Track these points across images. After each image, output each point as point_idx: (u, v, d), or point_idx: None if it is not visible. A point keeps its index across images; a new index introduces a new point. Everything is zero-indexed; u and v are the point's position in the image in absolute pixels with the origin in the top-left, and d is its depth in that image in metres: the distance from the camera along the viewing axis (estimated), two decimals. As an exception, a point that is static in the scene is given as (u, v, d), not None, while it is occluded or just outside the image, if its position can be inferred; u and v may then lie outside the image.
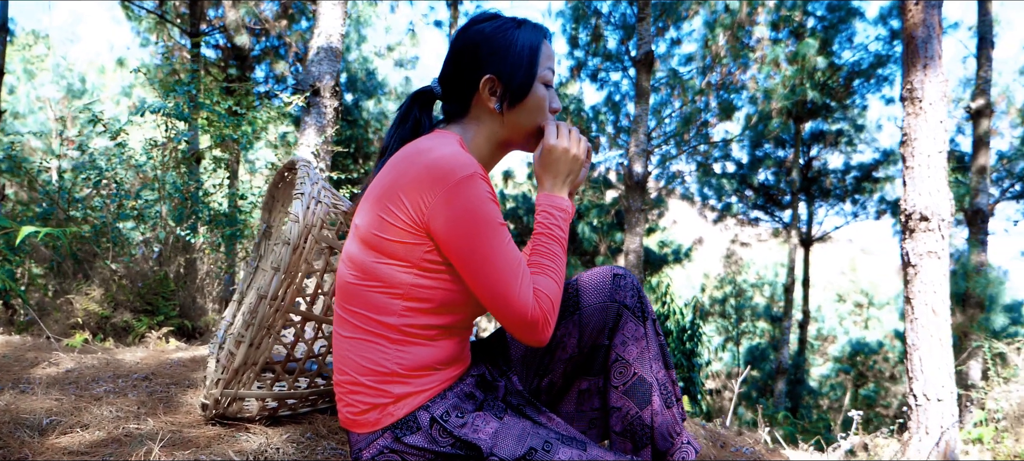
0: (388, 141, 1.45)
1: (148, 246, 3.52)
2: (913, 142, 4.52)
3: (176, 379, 2.04)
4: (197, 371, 2.18)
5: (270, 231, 2.32)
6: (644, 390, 1.45)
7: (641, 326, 1.48)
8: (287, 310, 1.58)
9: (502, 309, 1.25)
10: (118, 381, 1.97)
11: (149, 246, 3.52)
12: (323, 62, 4.89)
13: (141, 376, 2.02)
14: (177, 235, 3.50)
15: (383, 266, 1.27)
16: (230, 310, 2.29)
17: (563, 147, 1.41)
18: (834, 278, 23.61)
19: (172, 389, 1.93)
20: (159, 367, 2.18)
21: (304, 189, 1.62)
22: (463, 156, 1.25)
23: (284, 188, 2.27)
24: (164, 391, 1.90)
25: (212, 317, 3.75)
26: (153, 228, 3.48)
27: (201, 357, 2.46)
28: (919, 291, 4.58)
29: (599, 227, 12.97)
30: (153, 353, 2.55)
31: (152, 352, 2.57)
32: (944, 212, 4.44)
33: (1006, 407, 6.38)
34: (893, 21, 11.06)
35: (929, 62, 4.45)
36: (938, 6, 4.49)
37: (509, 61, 1.37)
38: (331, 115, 4.90)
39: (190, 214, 3.62)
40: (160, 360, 2.34)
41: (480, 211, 1.22)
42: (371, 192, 1.33)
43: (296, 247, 1.56)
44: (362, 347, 1.30)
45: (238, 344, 1.54)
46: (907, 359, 4.72)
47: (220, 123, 3.68)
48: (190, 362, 2.34)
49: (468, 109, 1.42)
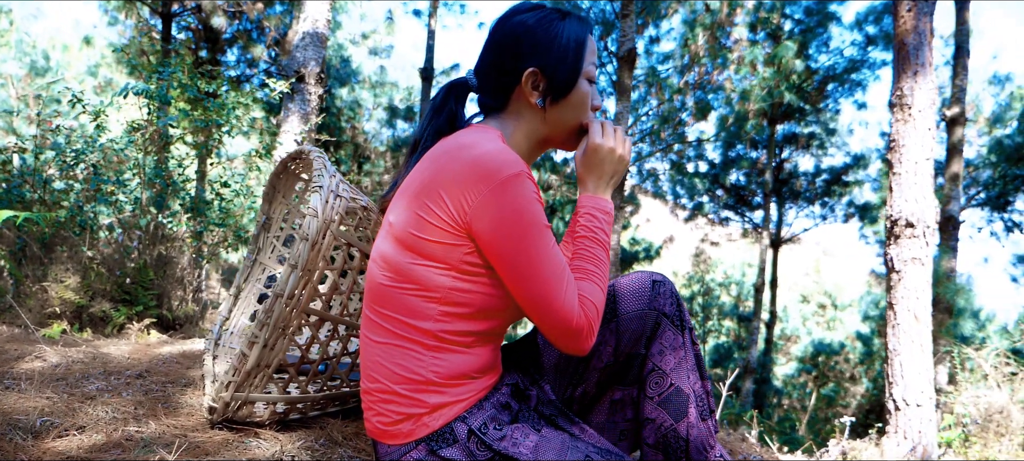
0: (421, 133, 1.37)
1: (127, 233, 3.37)
2: (901, 148, 4.56)
3: (171, 377, 1.93)
4: (192, 368, 2.07)
5: (270, 223, 2.22)
6: (681, 402, 1.39)
7: (680, 335, 1.42)
8: (303, 310, 1.49)
9: (545, 316, 1.18)
10: (110, 378, 1.85)
11: (128, 233, 3.37)
12: (308, 48, 4.76)
13: (134, 373, 1.91)
14: (158, 222, 3.36)
15: (419, 267, 1.20)
16: (226, 305, 2.19)
17: (609, 147, 1.35)
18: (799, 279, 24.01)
19: (168, 388, 1.82)
20: (150, 363, 2.07)
21: (322, 182, 1.53)
22: (509, 153, 1.18)
23: (287, 178, 2.17)
24: (160, 390, 1.80)
25: (191, 308, 3.62)
26: (133, 214, 3.34)
27: (192, 353, 2.35)
28: (902, 297, 4.62)
29: (574, 223, 12.93)
30: (139, 347, 2.43)
31: (137, 346, 2.45)
32: (929, 219, 4.49)
33: (974, 412, 6.50)
34: (869, 27, 11.22)
35: (920, 69, 4.48)
36: (930, 13, 4.53)
37: (553, 55, 1.30)
38: (315, 102, 4.77)
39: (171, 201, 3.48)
40: (149, 355, 2.23)
41: (527, 212, 1.15)
42: (407, 188, 1.25)
43: (314, 243, 1.47)
44: (395, 354, 1.23)
45: (251, 345, 1.45)
46: (887, 364, 4.77)
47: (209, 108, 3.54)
48: (182, 358, 2.23)
49: (507, 103, 1.35)
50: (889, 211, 4.64)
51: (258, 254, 2.22)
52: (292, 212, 2.21)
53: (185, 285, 3.55)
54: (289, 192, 2.20)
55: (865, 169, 13.93)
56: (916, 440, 4.62)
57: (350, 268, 1.64)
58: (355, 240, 1.60)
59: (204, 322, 3.61)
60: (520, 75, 1.30)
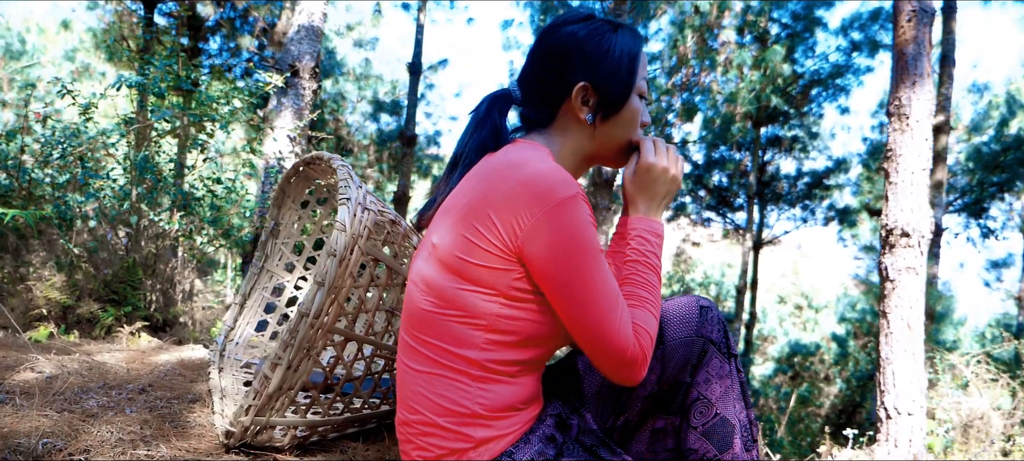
0: (462, 148, 1.29)
1: (115, 230, 3.24)
2: (898, 158, 4.55)
3: (176, 392, 1.83)
4: (196, 381, 1.98)
5: (278, 229, 2.13)
6: (726, 432, 1.33)
7: (726, 363, 1.36)
8: (329, 330, 1.41)
9: (599, 345, 1.12)
10: (111, 393, 1.75)
11: (116, 230, 3.25)
12: (304, 41, 4.64)
13: (137, 387, 1.81)
14: (149, 219, 3.24)
15: (466, 293, 1.12)
16: (231, 314, 2.10)
17: (663, 166, 1.28)
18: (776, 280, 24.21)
19: (174, 404, 1.73)
20: (152, 376, 1.97)
21: (350, 194, 1.44)
22: (562, 173, 1.11)
23: (297, 183, 2.07)
24: (166, 407, 1.70)
25: (181, 309, 3.50)
26: (123, 211, 3.21)
27: (192, 362, 2.25)
28: (896, 306, 4.63)
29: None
30: (134, 354, 2.32)
31: (131, 352, 2.34)
32: (924, 229, 4.49)
33: (955, 418, 6.56)
34: (854, 32, 11.29)
35: (918, 79, 4.48)
36: (929, 24, 4.53)
37: (606, 69, 1.23)
38: (309, 98, 4.65)
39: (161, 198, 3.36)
40: (148, 365, 2.12)
41: (583, 236, 1.09)
42: (452, 207, 1.17)
43: (342, 259, 1.39)
44: (438, 384, 1.15)
45: (274, 367, 1.37)
46: (880, 372, 4.77)
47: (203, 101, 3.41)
48: (182, 368, 2.13)
49: (554, 118, 1.27)
50: (884, 220, 4.64)
51: (265, 261, 2.12)
52: (302, 218, 2.12)
53: (175, 285, 3.43)
54: (299, 196, 2.10)
55: (846, 173, 14.05)
56: (907, 448, 4.63)
57: (376, 284, 1.56)
58: (384, 256, 1.52)
59: (194, 325, 3.50)
60: (570, 89, 1.23)
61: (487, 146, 1.26)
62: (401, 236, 1.59)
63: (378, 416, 1.65)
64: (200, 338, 3.02)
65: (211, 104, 3.53)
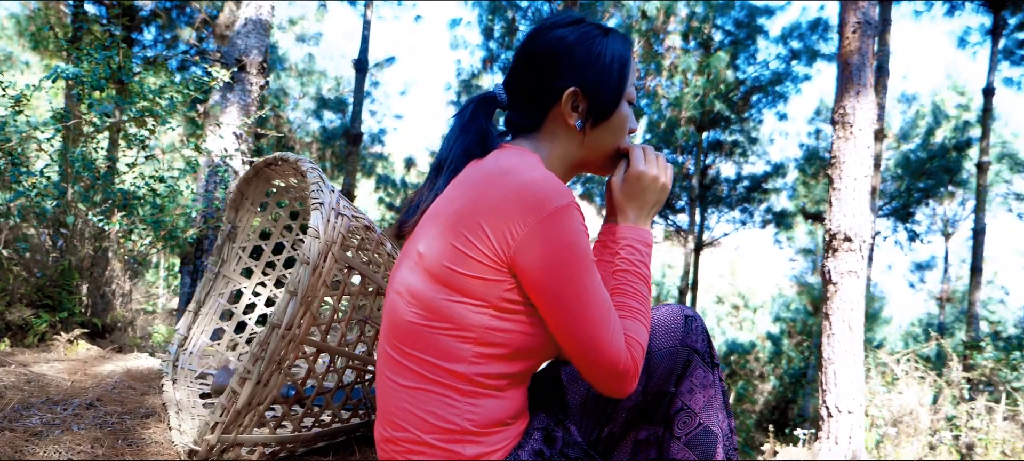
0: (447, 153, 1.24)
1: (49, 231, 3.05)
2: (842, 164, 4.69)
3: (127, 406, 1.72)
4: (147, 394, 1.86)
5: (235, 233, 2.03)
6: (709, 442, 1.32)
7: (710, 373, 1.35)
8: (301, 341, 1.34)
9: (591, 357, 1.08)
10: (55, 408, 1.63)
11: (50, 231, 3.06)
12: (251, 35, 4.48)
13: (83, 402, 1.69)
14: (87, 220, 3.06)
15: (455, 305, 1.07)
16: (184, 322, 1.99)
17: (653, 175, 1.26)
18: (714, 281, 24.80)
19: (127, 420, 1.62)
20: (98, 388, 1.85)
21: (322, 198, 1.38)
22: (556, 181, 1.07)
23: (257, 184, 1.98)
24: (118, 423, 1.59)
25: (121, 314, 3.32)
26: (58, 210, 3.02)
27: (139, 372, 2.12)
28: (838, 308, 4.77)
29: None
30: (75, 364, 2.18)
31: (73, 363, 2.20)
32: (866, 234, 4.64)
33: (886, 415, 6.82)
34: (793, 41, 11.62)
35: (862, 89, 4.63)
36: (873, 36, 4.69)
37: (596, 74, 1.20)
38: (257, 94, 4.50)
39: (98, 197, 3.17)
40: (92, 377, 1.99)
41: (577, 246, 1.05)
42: (439, 215, 1.12)
43: (315, 267, 1.32)
44: (426, 399, 1.10)
45: (243, 381, 1.29)
46: (821, 372, 4.91)
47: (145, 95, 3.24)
48: (131, 380, 2.00)
49: (542, 123, 1.23)
50: (828, 225, 4.78)
51: (221, 266, 2.02)
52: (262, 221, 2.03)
53: (114, 289, 3.26)
54: (258, 198, 2.01)
55: (783, 178, 14.46)
56: (847, 445, 4.77)
57: (350, 293, 1.49)
58: (358, 264, 1.45)
59: (134, 330, 3.33)
60: (560, 95, 1.19)
61: (473, 151, 1.21)
62: (375, 243, 1.53)
63: (347, 430, 1.59)
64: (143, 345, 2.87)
65: (153, 98, 3.37)
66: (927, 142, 12.99)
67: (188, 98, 3.58)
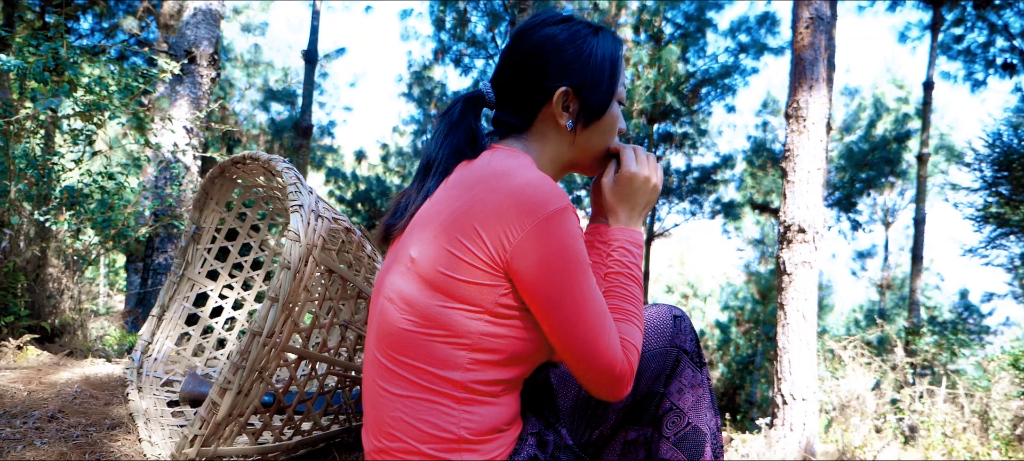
0: (436, 153, 1.20)
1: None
2: (796, 158, 4.80)
3: (91, 417, 1.64)
4: (111, 403, 1.78)
5: (200, 234, 1.96)
6: (698, 441, 1.33)
7: (698, 372, 1.35)
8: (283, 349, 1.29)
9: (587, 362, 1.07)
10: (14, 422, 1.54)
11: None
12: (201, 25, 4.33)
13: (45, 414, 1.60)
14: (33, 219, 2.91)
15: (450, 311, 1.05)
16: (148, 327, 1.91)
17: (644, 176, 1.25)
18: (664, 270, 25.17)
19: (92, 433, 1.54)
20: (58, 399, 1.75)
21: (301, 200, 1.33)
22: (552, 183, 1.06)
23: (223, 184, 1.91)
24: (83, 436, 1.52)
25: (70, 316, 3.18)
26: (2, 209, 2.87)
27: (99, 380, 2.03)
28: (792, 298, 4.88)
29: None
30: (29, 372, 2.07)
31: (26, 371, 2.08)
32: (819, 225, 4.76)
33: (835, 400, 7.02)
34: (742, 35, 11.84)
35: (815, 83, 4.74)
36: (826, 30, 4.79)
37: (589, 74, 1.18)
38: (208, 87, 4.36)
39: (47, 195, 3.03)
40: (49, 386, 1.89)
41: (574, 250, 1.04)
42: (431, 219, 1.09)
43: (296, 272, 1.27)
44: (421, 408, 1.07)
45: (223, 392, 1.24)
46: (776, 361, 5.02)
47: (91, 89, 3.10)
48: (90, 388, 1.91)
49: (532, 123, 1.21)
50: (782, 217, 4.88)
51: (186, 268, 1.94)
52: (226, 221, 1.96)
53: (62, 291, 3.11)
54: (223, 198, 1.94)
55: (732, 169, 14.74)
56: (802, 431, 4.90)
57: (331, 298, 1.45)
58: (339, 267, 1.41)
59: (86, 333, 3.19)
60: (550, 95, 1.17)
61: (463, 151, 1.19)
62: (356, 245, 1.49)
63: (328, 437, 1.54)
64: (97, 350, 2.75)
65: (101, 91, 3.22)
66: (869, 134, 13.41)
67: (137, 91, 3.44)
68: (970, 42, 10.88)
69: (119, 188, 3.46)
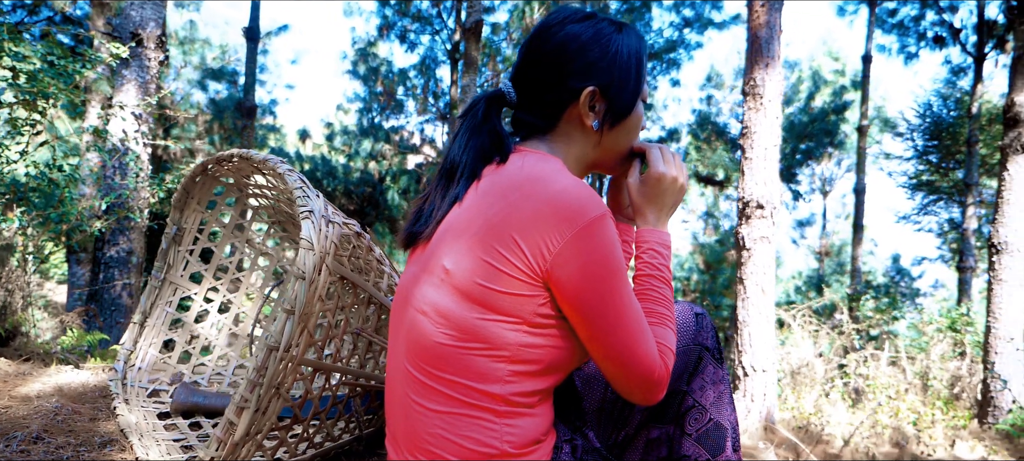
0: (460, 156, 1.16)
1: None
2: (753, 135, 4.88)
3: (79, 436, 1.54)
4: (97, 419, 1.68)
5: (181, 235, 1.86)
6: (719, 436, 1.34)
7: (719, 368, 1.36)
8: (299, 362, 1.24)
9: (627, 369, 1.06)
10: (-6, 445, 1.44)
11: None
12: (146, 6, 4.11)
13: (29, 435, 1.49)
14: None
15: (490, 323, 1.02)
16: (130, 335, 1.81)
17: (672, 176, 1.23)
18: (611, 243, 25.48)
19: (84, 453, 1.45)
20: (38, 416, 1.64)
21: (311, 204, 1.27)
22: (588, 189, 1.03)
23: (204, 183, 1.82)
24: (75, 457, 1.43)
25: (21, 317, 3.01)
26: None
27: (73, 390, 1.91)
28: (751, 272, 4.99)
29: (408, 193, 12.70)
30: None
31: (-12, 383, 1.95)
32: (776, 201, 4.86)
33: (786, 367, 7.26)
34: (686, 9, 11.96)
35: (771, 61, 4.81)
36: (779, 9, 4.86)
37: (616, 73, 1.16)
38: (156, 70, 4.16)
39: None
40: (22, 401, 1.77)
41: (614, 258, 1.02)
42: (465, 228, 1.05)
43: (312, 282, 1.22)
44: (462, 424, 1.04)
45: (240, 411, 1.18)
46: (737, 335, 5.14)
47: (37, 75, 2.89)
48: (69, 400, 1.80)
49: (556, 124, 1.18)
50: (741, 193, 4.96)
51: (167, 272, 1.84)
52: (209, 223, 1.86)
53: (13, 291, 2.94)
54: (205, 198, 1.84)
55: (677, 142, 14.96)
56: (762, 402, 5.03)
57: (342, 306, 1.39)
58: (351, 275, 1.36)
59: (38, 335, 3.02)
60: (577, 95, 1.14)
61: (489, 154, 1.15)
62: (365, 249, 1.43)
63: (338, 447, 1.49)
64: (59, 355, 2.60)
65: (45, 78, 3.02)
66: (808, 106, 13.77)
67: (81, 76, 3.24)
68: (904, 16, 11.25)
69: (69, 180, 3.27)
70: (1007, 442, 5.62)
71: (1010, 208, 5.74)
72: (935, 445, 5.41)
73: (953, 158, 11.70)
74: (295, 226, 1.96)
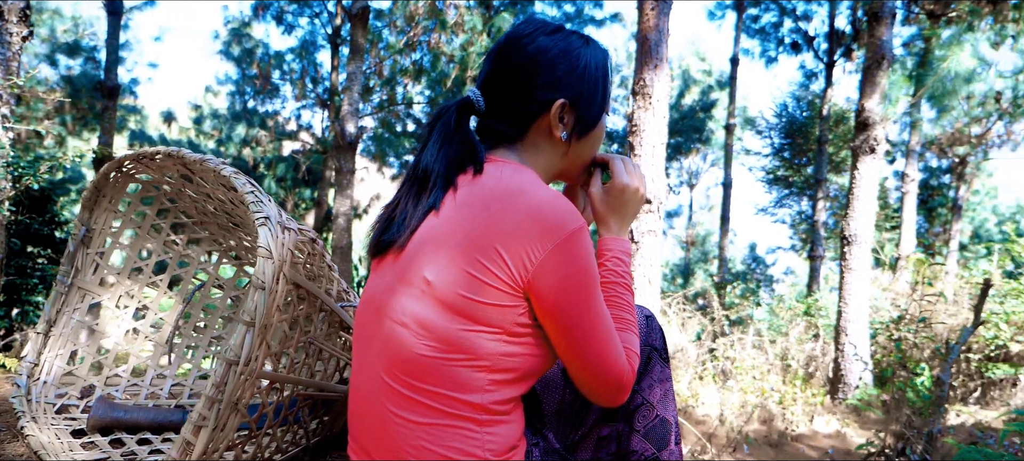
0: (433, 164, 1.15)
1: None
2: (642, 133, 5.09)
3: None
4: (2, 440, 1.51)
5: (90, 237, 1.72)
6: (664, 431, 1.42)
7: (665, 367, 1.44)
8: (257, 375, 1.19)
9: (599, 374, 1.11)
10: None
11: None
12: (7, -25, 3.72)
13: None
14: None
15: (472, 334, 1.04)
16: (32, 347, 1.66)
17: (635, 186, 1.29)
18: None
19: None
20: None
21: (266, 210, 1.22)
22: (566, 201, 1.07)
23: (118, 181, 1.69)
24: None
25: None
26: None
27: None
28: (639, 265, 5.22)
29: (285, 181, 12.23)
30: None
31: None
32: (663, 196, 5.11)
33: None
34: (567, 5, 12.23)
35: (659, 63, 5.03)
36: (668, 13, 5.09)
37: (585, 87, 1.20)
38: (19, 46, 3.78)
39: None
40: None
41: (592, 268, 1.07)
42: (443, 238, 1.06)
43: (271, 292, 1.17)
44: (445, 434, 1.05)
45: (198, 430, 1.11)
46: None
47: None
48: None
49: (525, 133, 1.20)
50: (630, 188, 5.18)
51: (75, 276, 1.70)
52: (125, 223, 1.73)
53: None
54: (118, 197, 1.71)
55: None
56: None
57: (299, 315, 1.34)
58: (307, 283, 1.31)
59: None
60: (548, 106, 1.17)
61: (462, 162, 1.15)
62: (318, 256, 1.39)
63: (286, 458, 1.44)
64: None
65: None
66: (678, 104, 14.49)
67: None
68: (765, 22, 12.07)
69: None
70: (855, 415, 6.17)
71: (859, 204, 6.31)
72: (797, 420, 5.85)
73: (805, 155, 12.73)
74: (219, 228, 1.86)
